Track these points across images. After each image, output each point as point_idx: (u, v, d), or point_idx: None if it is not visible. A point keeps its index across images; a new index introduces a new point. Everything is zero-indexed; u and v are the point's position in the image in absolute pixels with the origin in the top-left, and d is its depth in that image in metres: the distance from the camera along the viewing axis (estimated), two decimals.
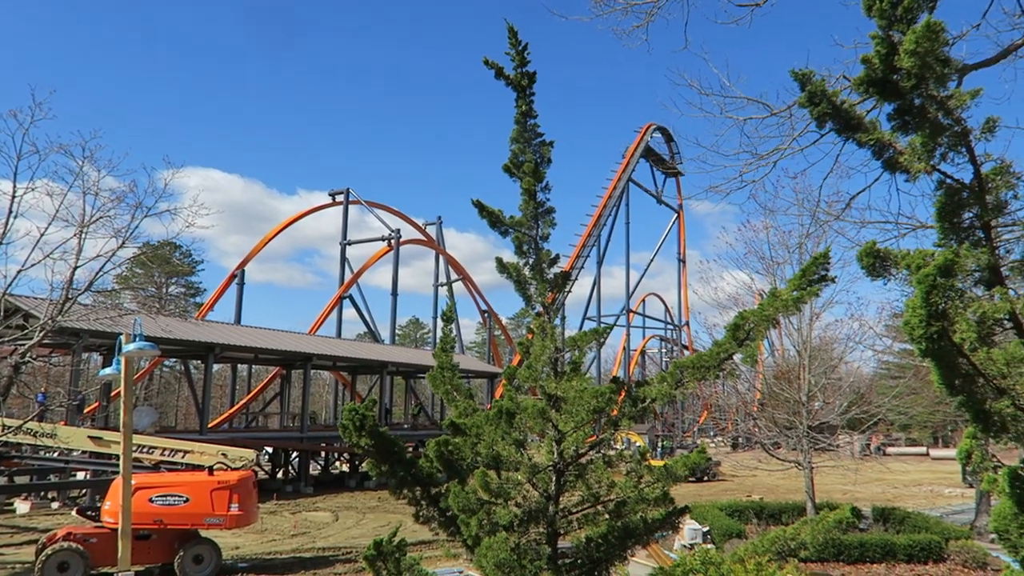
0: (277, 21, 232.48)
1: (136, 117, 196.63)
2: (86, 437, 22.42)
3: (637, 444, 41.11)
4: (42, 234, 13.84)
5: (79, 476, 24.33)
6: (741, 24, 8.70)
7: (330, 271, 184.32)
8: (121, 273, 44.28)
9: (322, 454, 42.84)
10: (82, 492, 26.56)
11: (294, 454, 39.12)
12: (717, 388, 35.49)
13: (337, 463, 46.35)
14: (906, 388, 22.66)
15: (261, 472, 37.67)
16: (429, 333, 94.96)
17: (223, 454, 24.18)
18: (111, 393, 33.52)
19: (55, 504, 27.27)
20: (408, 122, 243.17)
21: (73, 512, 18.85)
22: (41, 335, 14.04)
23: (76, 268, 14.07)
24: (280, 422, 45.40)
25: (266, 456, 40.58)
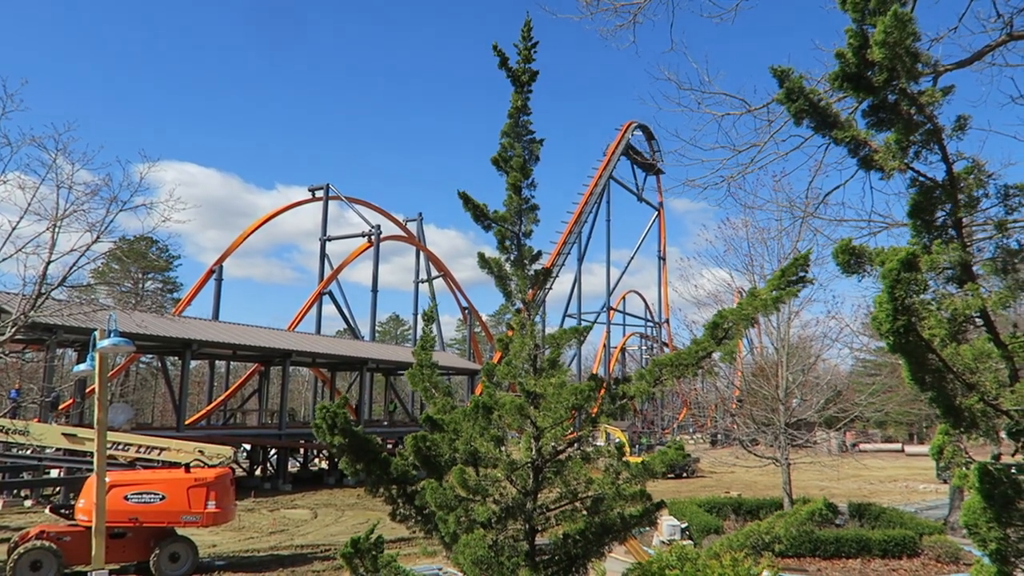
0: (258, 13, 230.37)
1: (111, 110, 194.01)
2: (60, 434, 22.08)
3: (617, 439, 41.25)
4: (14, 228, 13.59)
5: (52, 474, 23.98)
6: (725, 20, 8.74)
7: (309, 267, 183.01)
8: (96, 268, 43.65)
9: (301, 451, 42.64)
10: (55, 490, 26.22)
11: (272, 451, 38.89)
12: (696, 385, 35.70)
13: (316, 460, 46.13)
14: (882, 386, 22.92)
15: (239, 469, 37.37)
16: (409, 330, 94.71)
17: (200, 451, 23.90)
18: (86, 389, 33.09)
19: (28, 502, 26.91)
20: (389, 117, 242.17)
21: (46, 510, 18.59)
22: (13, 330, 13.80)
23: (49, 263, 13.83)
24: (259, 419, 45.05)
25: (244, 453, 40.25)
